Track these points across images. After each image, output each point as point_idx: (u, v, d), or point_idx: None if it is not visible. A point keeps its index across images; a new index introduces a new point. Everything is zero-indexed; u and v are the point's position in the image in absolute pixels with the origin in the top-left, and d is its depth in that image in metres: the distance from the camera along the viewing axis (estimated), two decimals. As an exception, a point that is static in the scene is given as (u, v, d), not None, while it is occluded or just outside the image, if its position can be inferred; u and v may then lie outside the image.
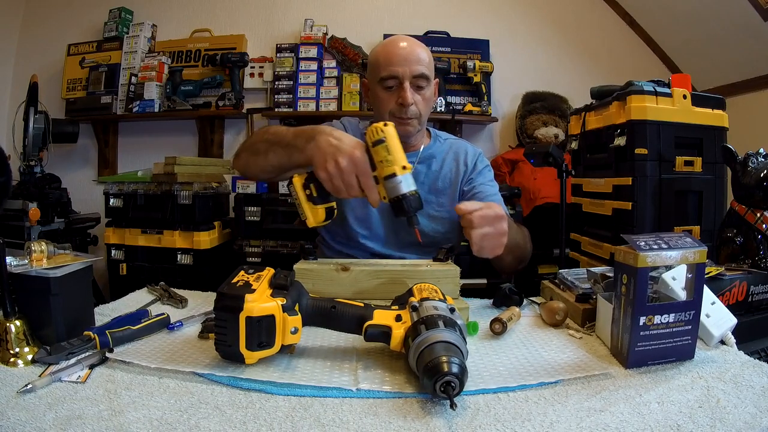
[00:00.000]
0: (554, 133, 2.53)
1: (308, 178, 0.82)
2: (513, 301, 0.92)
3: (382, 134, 0.76)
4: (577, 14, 2.81)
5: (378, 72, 1.07)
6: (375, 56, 1.10)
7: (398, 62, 1.05)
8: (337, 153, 0.76)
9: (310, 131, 0.84)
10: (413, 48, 1.07)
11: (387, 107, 1.07)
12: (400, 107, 1.06)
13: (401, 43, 1.08)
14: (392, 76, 1.05)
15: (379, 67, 1.07)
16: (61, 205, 2.24)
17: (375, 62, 1.09)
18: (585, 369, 0.64)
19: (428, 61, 1.09)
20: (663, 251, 0.63)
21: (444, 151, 1.20)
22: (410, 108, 1.06)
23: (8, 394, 0.56)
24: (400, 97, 1.05)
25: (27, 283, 0.68)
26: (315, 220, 0.83)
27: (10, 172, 1.47)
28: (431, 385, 0.53)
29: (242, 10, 2.83)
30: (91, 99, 2.72)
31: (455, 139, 1.25)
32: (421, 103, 1.08)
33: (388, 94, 1.07)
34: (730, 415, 0.52)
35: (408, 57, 1.05)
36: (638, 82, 1.57)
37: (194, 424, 0.51)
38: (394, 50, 1.07)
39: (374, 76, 1.09)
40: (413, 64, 1.05)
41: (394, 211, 0.79)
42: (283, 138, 0.90)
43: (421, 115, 1.10)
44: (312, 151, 0.80)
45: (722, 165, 1.56)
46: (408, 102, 1.05)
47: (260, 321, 0.61)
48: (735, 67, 2.34)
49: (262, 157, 0.94)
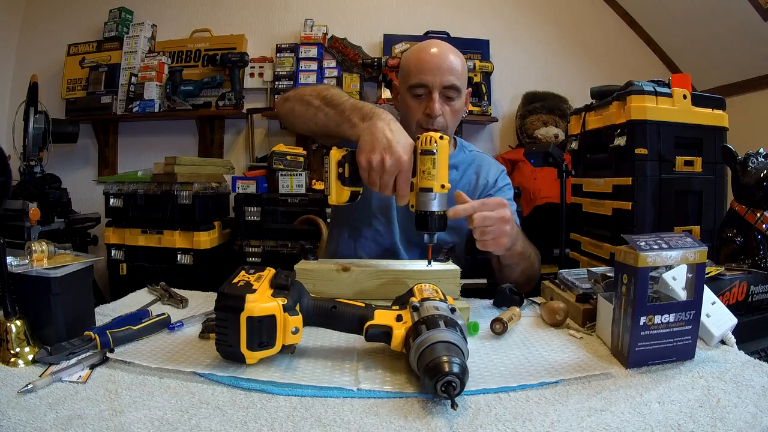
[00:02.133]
0: (554, 133, 2.53)
1: (346, 156, 0.79)
2: (513, 301, 0.92)
3: (434, 146, 0.75)
4: (577, 14, 2.81)
5: (408, 79, 1.04)
6: (406, 61, 1.06)
7: (429, 71, 1.01)
8: (387, 148, 0.74)
9: (369, 110, 0.81)
10: (446, 56, 1.03)
11: (414, 116, 1.04)
12: (427, 117, 1.03)
13: (432, 50, 1.03)
14: (421, 84, 1.01)
15: (409, 73, 1.04)
16: (61, 205, 2.24)
17: (406, 68, 1.05)
18: (585, 369, 0.64)
19: (461, 71, 1.04)
20: (663, 251, 0.63)
21: (467, 161, 1.18)
22: (437, 119, 1.02)
23: (9, 394, 0.56)
24: (428, 107, 1.02)
25: (27, 283, 0.68)
26: (337, 199, 0.80)
27: (10, 172, 1.48)
28: (432, 385, 0.53)
29: (242, 10, 2.83)
30: (91, 99, 2.72)
31: (480, 152, 1.23)
32: (449, 115, 1.04)
33: (416, 103, 1.04)
34: (731, 415, 0.52)
35: (440, 66, 1.01)
36: (638, 82, 1.57)
37: (195, 424, 0.51)
38: (426, 57, 1.02)
39: (404, 83, 1.06)
40: (444, 74, 1.01)
41: (417, 223, 0.78)
42: (340, 104, 0.87)
43: (448, 127, 1.05)
44: (364, 132, 0.77)
45: (722, 165, 1.56)
46: (435, 113, 1.01)
47: (261, 321, 0.61)
48: (735, 67, 2.34)
49: (312, 111, 0.90)
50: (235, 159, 2.79)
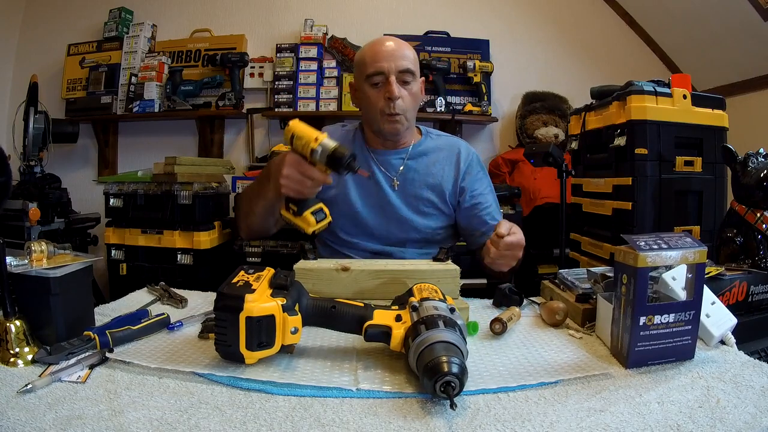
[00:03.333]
0: (554, 133, 2.53)
1: (284, 200, 0.91)
2: (513, 301, 0.92)
3: (288, 130, 0.86)
4: (577, 14, 2.81)
5: (364, 70, 1.09)
6: (361, 56, 1.12)
7: (384, 58, 1.07)
8: (279, 168, 0.86)
9: (264, 170, 0.98)
10: (398, 45, 1.10)
11: (376, 105, 1.09)
12: (388, 102, 1.07)
13: (387, 42, 1.10)
14: (378, 72, 1.07)
15: (365, 65, 1.09)
16: (61, 205, 2.24)
17: (361, 62, 1.11)
18: (585, 369, 0.64)
19: (413, 58, 1.11)
20: (663, 251, 0.63)
21: (436, 148, 1.19)
22: (397, 102, 1.07)
23: (8, 394, 0.56)
24: (387, 91, 1.07)
25: (27, 283, 0.68)
26: (309, 226, 0.87)
27: (10, 172, 1.47)
28: (431, 385, 0.53)
29: (242, 10, 2.83)
30: (91, 99, 2.72)
31: (448, 136, 1.25)
32: (408, 98, 1.09)
33: (375, 92, 1.09)
34: (730, 415, 0.52)
35: (393, 53, 1.08)
36: (638, 82, 1.57)
37: (194, 424, 0.51)
38: (380, 48, 1.09)
39: (361, 75, 1.11)
40: (398, 60, 1.07)
41: (337, 170, 0.83)
42: (252, 189, 1.04)
43: (408, 110, 1.10)
44: (270, 180, 0.91)
45: (722, 165, 1.56)
46: (394, 94, 1.06)
47: (260, 321, 0.61)
48: (735, 67, 2.34)
49: (252, 213, 1.04)
50: (235, 159, 2.78)
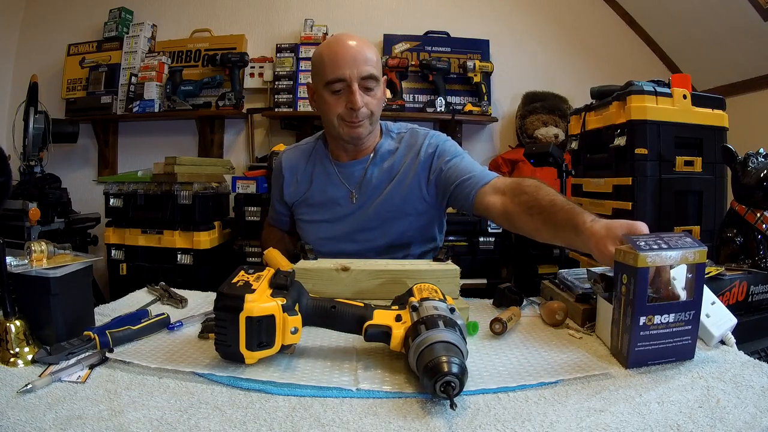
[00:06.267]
0: (554, 133, 2.53)
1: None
2: (513, 301, 0.92)
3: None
4: (577, 14, 2.81)
5: (324, 75, 1.01)
6: (320, 58, 1.03)
7: (345, 64, 0.99)
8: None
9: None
10: (360, 47, 1.01)
11: (335, 111, 1.03)
12: (350, 111, 1.02)
13: (349, 42, 1.02)
14: (339, 79, 1.00)
15: (324, 69, 1.01)
16: (61, 205, 2.24)
17: (320, 64, 1.03)
18: (585, 369, 0.64)
19: (376, 60, 1.03)
20: (663, 251, 0.63)
21: (395, 146, 1.14)
22: (361, 111, 1.02)
23: (8, 394, 0.56)
24: (350, 101, 1.01)
25: (27, 283, 0.68)
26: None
27: (10, 172, 1.47)
28: (431, 385, 0.52)
29: (242, 10, 2.83)
30: (91, 99, 2.72)
31: (407, 130, 1.17)
32: (372, 103, 1.04)
33: (336, 98, 1.02)
34: (730, 415, 0.52)
35: (355, 58, 1.00)
36: (638, 82, 1.57)
37: (194, 424, 0.51)
38: (341, 50, 1.00)
39: (320, 80, 1.03)
40: (361, 65, 1.00)
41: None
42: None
43: (373, 114, 1.05)
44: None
45: (722, 165, 1.56)
46: (358, 106, 1.00)
47: (260, 321, 0.61)
48: (735, 67, 2.34)
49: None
50: (235, 159, 2.78)
